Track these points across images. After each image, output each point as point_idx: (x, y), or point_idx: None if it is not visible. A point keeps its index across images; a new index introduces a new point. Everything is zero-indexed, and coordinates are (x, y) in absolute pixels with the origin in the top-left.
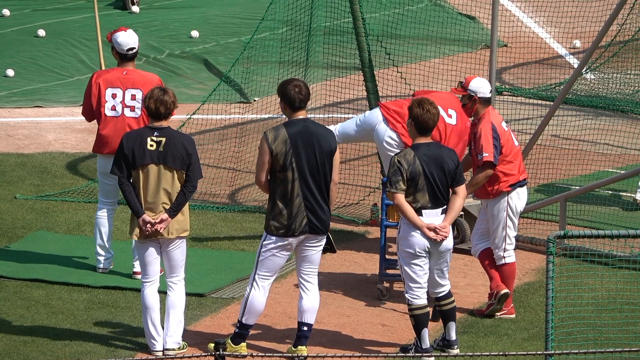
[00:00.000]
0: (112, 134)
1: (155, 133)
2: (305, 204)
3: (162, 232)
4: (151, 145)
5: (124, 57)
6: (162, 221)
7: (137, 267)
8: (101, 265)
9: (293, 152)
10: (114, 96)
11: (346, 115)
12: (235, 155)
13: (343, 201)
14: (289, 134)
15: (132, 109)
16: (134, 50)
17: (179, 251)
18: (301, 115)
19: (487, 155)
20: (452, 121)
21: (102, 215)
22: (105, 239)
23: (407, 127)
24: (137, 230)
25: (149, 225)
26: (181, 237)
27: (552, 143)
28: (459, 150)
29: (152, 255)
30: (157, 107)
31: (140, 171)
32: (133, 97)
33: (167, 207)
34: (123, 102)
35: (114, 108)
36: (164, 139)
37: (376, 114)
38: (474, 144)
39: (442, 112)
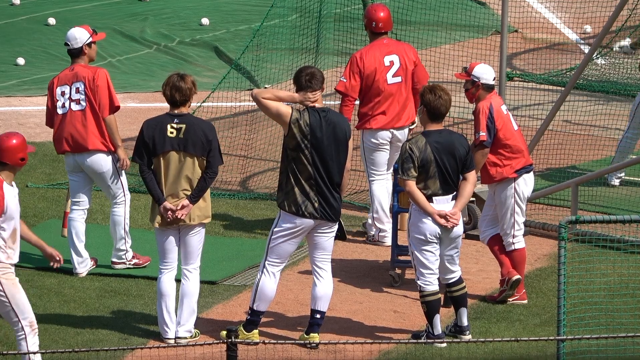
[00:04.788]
0: (62, 131)
1: (175, 120)
2: (317, 188)
3: (183, 218)
4: (171, 132)
5: (69, 54)
6: (183, 208)
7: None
8: (75, 270)
9: (310, 138)
10: (62, 94)
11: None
12: (245, 142)
13: (355, 188)
14: (310, 122)
15: (78, 102)
16: (69, 47)
17: (197, 237)
18: (316, 102)
19: (484, 134)
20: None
21: (73, 217)
22: (77, 242)
23: (418, 114)
24: (158, 218)
25: (170, 212)
26: (202, 223)
27: (564, 128)
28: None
29: (172, 243)
30: (172, 94)
31: (161, 158)
32: (77, 90)
33: (188, 193)
34: (70, 98)
35: (63, 105)
36: (184, 126)
37: None
38: (474, 122)
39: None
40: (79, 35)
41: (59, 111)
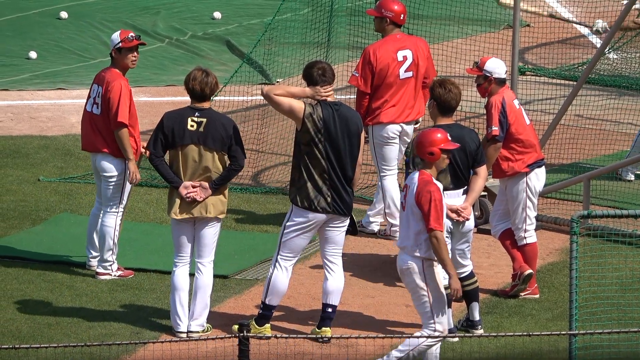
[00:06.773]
0: (83, 128)
1: (197, 114)
2: (330, 183)
3: (198, 199)
4: (192, 126)
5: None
6: (202, 188)
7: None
8: (89, 263)
9: (324, 132)
10: (93, 91)
11: None
12: (257, 136)
13: (366, 182)
14: (324, 116)
15: (98, 105)
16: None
17: (213, 230)
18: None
19: (496, 129)
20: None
21: (96, 213)
22: (95, 237)
23: (428, 108)
24: (175, 209)
25: (190, 191)
26: (218, 218)
27: (575, 123)
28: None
29: (187, 236)
30: (203, 88)
31: (180, 151)
32: (98, 94)
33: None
34: (94, 99)
35: (91, 103)
36: (204, 120)
37: None
38: (486, 116)
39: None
40: (112, 38)
41: (87, 107)
